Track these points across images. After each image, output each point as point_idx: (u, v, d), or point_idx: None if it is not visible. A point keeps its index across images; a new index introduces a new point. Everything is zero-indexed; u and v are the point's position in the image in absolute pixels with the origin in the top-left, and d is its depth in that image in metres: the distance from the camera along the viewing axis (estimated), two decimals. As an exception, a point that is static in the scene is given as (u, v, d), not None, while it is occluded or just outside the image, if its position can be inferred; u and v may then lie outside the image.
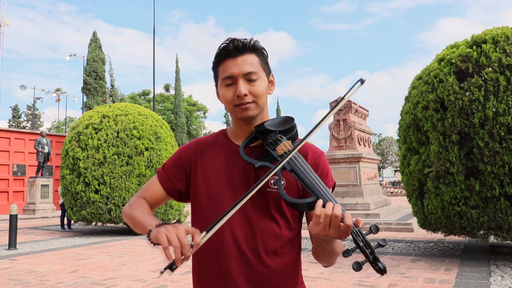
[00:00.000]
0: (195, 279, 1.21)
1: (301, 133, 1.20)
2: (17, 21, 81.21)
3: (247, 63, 1.15)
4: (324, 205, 0.94)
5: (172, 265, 0.91)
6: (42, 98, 59.45)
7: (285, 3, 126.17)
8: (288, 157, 1.03)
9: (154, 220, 1.07)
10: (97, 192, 9.42)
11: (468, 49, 5.76)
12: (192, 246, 0.93)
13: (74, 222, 12.15)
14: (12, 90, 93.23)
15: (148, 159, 9.69)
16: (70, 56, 29.68)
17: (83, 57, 28.44)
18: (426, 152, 6.00)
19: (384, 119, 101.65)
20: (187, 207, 11.88)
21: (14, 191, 17.32)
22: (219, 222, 0.96)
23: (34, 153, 16.22)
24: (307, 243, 6.86)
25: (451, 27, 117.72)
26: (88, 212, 9.45)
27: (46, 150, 15.49)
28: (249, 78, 1.14)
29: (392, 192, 32.54)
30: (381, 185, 22.93)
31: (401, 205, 13.89)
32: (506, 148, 5.21)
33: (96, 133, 9.75)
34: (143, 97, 49.50)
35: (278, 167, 1.02)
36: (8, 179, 17.15)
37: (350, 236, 0.93)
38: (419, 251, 6.75)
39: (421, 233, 8.83)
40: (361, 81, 0.99)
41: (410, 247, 7.21)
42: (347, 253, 0.90)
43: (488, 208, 5.38)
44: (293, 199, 1.02)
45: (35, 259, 6.68)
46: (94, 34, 27.31)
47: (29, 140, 17.82)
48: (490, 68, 5.50)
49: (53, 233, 10.58)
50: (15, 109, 51.94)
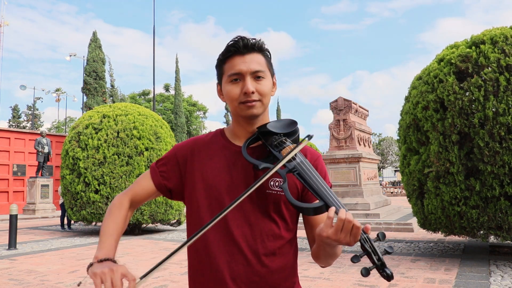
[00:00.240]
0: (191, 279, 1.19)
1: (301, 134, 1.21)
2: (17, 21, 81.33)
3: (255, 61, 1.15)
4: (336, 211, 0.96)
5: None
6: (42, 98, 59.49)
7: (285, 3, 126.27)
8: (287, 158, 1.04)
9: (106, 249, 1.08)
10: (97, 192, 9.43)
11: (468, 49, 5.76)
12: None
13: (74, 222, 12.15)
14: (12, 90, 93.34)
15: (148, 159, 9.69)
16: (70, 56, 29.70)
17: (83, 57, 28.46)
18: (426, 152, 6.00)
19: (384, 119, 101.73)
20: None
21: (14, 191, 17.32)
22: (166, 260, 0.96)
23: (34, 153, 16.22)
24: (307, 244, 6.85)
25: (451, 27, 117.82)
26: (88, 212, 9.46)
27: (46, 150, 15.49)
28: (256, 76, 1.14)
29: (392, 192, 32.54)
30: (381, 185, 22.92)
31: (401, 205, 13.89)
32: (506, 148, 5.22)
33: (96, 133, 9.75)
34: (143, 97, 49.53)
35: (279, 165, 1.03)
36: (8, 179, 17.15)
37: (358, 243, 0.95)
38: (419, 251, 6.75)
39: (421, 233, 8.83)
40: (309, 137, 1.06)
41: (410, 247, 7.21)
42: (356, 258, 0.92)
43: (488, 208, 5.38)
44: (300, 203, 1.03)
45: (35, 259, 6.69)
46: (94, 34, 27.32)
47: (29, 140, 17.82)
48: (489, 68, 5.51)
49: (53, 233, 10.58)
50: (15, 109, 51.96)
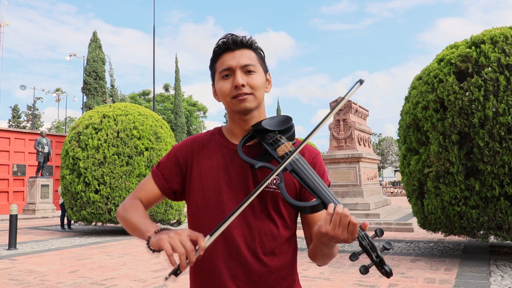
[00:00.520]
0: (192, 278, 1.19)
1: (300, 133, 1.19)
2: (17, 21, 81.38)
3: (245, 56, 1.15)
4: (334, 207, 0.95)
5: (176, 271, 0.90)
6: (42, 98, 59.64)
7: (284, 3, 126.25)
8: (290, 158, 1.02)
9: (151, 225, 1.04)
10: (97, 192, 9.42)
11: (468, 49, 5.76)
12: (197, 251, 0.92)
13: (74, 222, 12.16)
14: (12, 90, 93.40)
15: (148, 159, 9.69)
16: (70, 56, 29.68)
17: (83, 57, 28.45)
18: (426, 152, 6.00)
19: (384, 119, 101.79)
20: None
21: (14, 191, 17.32)
22: (223, 224, 0.95)
23: (34, 153, 16.21)
24: (305, 243, 6.85)
25: (450, 27, 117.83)
26: (88, 212, 9.45)
27: (46, 150, 15.48)
28: (246, 70, 1.14)
29: (392, 192, 32.52)
30: (381, 185, 22.92)
31: (401, 205, 13.88)
32: (506, 148, 5.21)
33: (96, 133, 9.75)
34: (143, 97, 49.55)
35: (280, 168, 1.02)
36: (8, 179, 17.15)
37: (356, 241, 0.94)
38: (419, 251, 6.75)
39: (421, 233, 8.83)
40: (360, 81, 0.98)
41: (410, 247, 7.21)
42: (354, 256, 0.90)
43: (488, 208, 5.38)
44: (297, 202, 1.02)
45: (35, 259, 6.69)
46: (94, 34, 27.30)
47: (29, 140, 17.81)
48: (489, 68, 5.51)
49: (53, 233, 10.58)
50: (14, 109, 51.95)
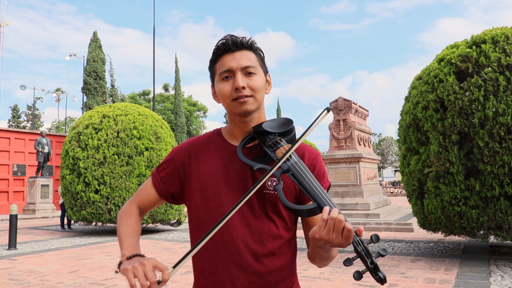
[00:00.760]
0: (195, 280, 1.20)
1: (299, 133, 1.19)
2: (17, 21, 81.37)
3: (245, 57, 1.15)
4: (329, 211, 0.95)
5: None
6: (42, 98, 59.64)
7: (284, 3, 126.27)
8: (283, 160, 1.03)
9: (129, 248, 1.09)
10: (97, 192, 9.42)
11: (468, 49, 5.76)
12: (159, 283, 0.93)
13: (74, 222, 12.15)
14: (12, 90, 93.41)
15: (148, 159, 9.69)
16: (70, 56, 29.67)
17: (83, 57, 28.44)
18: (426, 152, 6.00)
19: (384, 119, 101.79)
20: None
21: (14, 191, 17.32)
22: (191, 252, 0.96)
23: (34, 153, 16.21)
24: (305, 243, 6.85)
25: (450, 27, 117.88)
26: (88, 212, 9.45)
27: (46, 150, 15.48)
28: (247, 71, 1.14)
29: (392, 192, 32.52)
30: (381, 185, 22.92)
31: (401, 205, 13.88)
32: (506, 148, 5.21)
33: (96, 133, 9.75)
34: (143, 97, 49.54)
35: (272, 171, 1.02)
36: (8, 179, 17.15)
37: (351, 245, 0.94)
38: (419, 251, 6.75)
39: (421, 233, 8.83)
40: (328, 109, 1.03)
41: (410, 247, 7.21)
42: (348, 261, 0.90)
43: (488, 208, 5.38)
44: (293, 205, 1.02)
45: (35, 259, 6.68)
46: (95, 34, 27.29)
47: (29, 140, 17.81)
48: (489, 68, 5.50)
49: (53, 233, 10.58)
50: (14, 109, 51.94)
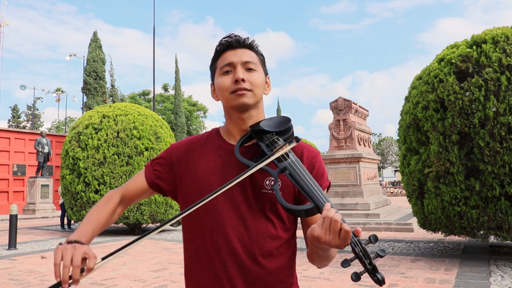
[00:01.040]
0: (188, 279, 1.18)
1: (299, 133, 1.19)
2: (17, 21, 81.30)
3: (247, 54, 1.17)
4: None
5: (57, 285, 0.89)
6: (42, 98, 59.60)
7: (284, 3, 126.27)
8: (276, 155, 1.03)
9: (79, 233, 1.06)
10: (97, 192, 9.42)
11: (468, 49, 5.76)
12: (83, 271, 0.91)
13: (74, 222, 12.15)
14: (12, 90, 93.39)
15: (148, 159, 9.68)
16: (70, 56, 29.67)
17: (83, 57, 28.43)
18: (426, 152, 6.00)
19: (384, 119, 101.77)
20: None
21: (14, 191, 17.32)
22: (122, 249, 0.94)
23: (34, 153, 16.21)
24: (305, 243, 6.85)
25: (450, 27, 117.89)
26: (88, 212, 9.45)
27: (46, 150, 15.48)
28: (247, 67, 1.15)
29: (392, 192, 32.53)
30: (381, 185, 22.92)
31: (401, 205, 13.88)
32: (506, 148, 5.21)
33: (96, 133, 9.75)
34: (143, 97, 49.54)
35: (264, 162, 1.03)
36: (8, 179, 17.15)
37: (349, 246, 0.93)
38: (419, 251, 6.74)
39: (421, 233, 8.83)
40: (297, 139, 1.10)
41: (410, 247, 7.21)
42: (346, 263, 0.89)
43: (488, 208, 5.38)
44: (291, 205, 1.01)
45: (35, 259, 6.68)
46: (95, 34, 27.29)
47: (29, 140, 17.82)
48: (490, 68, 5.50)
49: (53, 233, 10.58)
50: (14, 109, 51.93)
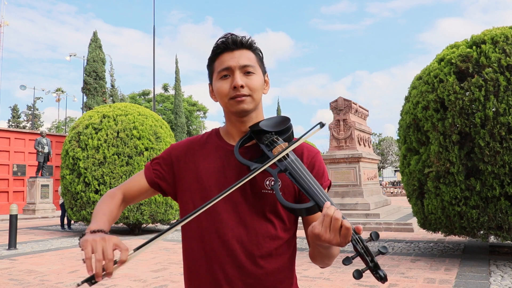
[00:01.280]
0: (187, 280, 1.17)
1: (299, 133, 1.19)
2: (17, 21, 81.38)
3: (244, 57, 1.14)
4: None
5: (91, 279, 0.85)
6: (42, 98, 59.71)
7: (284, 3, 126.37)
8: (278, 157, 1.02)
9: (100, 223, 1.04)
10: (97, 192, 9.42)
11: (468, 49, 5.76)
12: (116, 263, 0.89)
13: (74, 222, 12.16)
14: (12, 90, 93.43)
15: (148, 159, 9.68)
16: (70, 56, 29.66)
17: (83, 57, 28.43)
18: (426, 152, 6.00)
19: (384, 119, 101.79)
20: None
21: (14, 191, 17.32)
22: (153, 240, 0.94)
23: (34, 153, 16.21)
24: (307, 243, 6.85)
25: (450, 27, 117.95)
26: (88, 212, 9.44)
27: (46, 150, 15.47)
28: (246, 71, 1.13)
29: (392, 192, 32.51)
30: (381, 185, 22.92)
31: (401, 205, 13.88)
32: (506, 148, 5.21)
33: (96, 133, 9.74)
34: (143, 97, 49.52)
35: (264, 166, 1.01)
36: (8, 179, 17.15)
37: (350, 244, 0.92)
38: (419, 251, 6.74)
39: (421, 233, 8.82)
40: (321, 124, 1.02)
41: (410, 247, 7.21)
42: (347, 260, 0.88)
43: (488, 208, 5.38)
44: (291, 204, 1.00)
45: (35, 259, 6.68)
46: (95, 34, 27.28)
47: (29, 140, 17.81)
48: (490, 68, 5.50)
49: (53, 233, 10.58)
50: (14, 109, 51.91)
